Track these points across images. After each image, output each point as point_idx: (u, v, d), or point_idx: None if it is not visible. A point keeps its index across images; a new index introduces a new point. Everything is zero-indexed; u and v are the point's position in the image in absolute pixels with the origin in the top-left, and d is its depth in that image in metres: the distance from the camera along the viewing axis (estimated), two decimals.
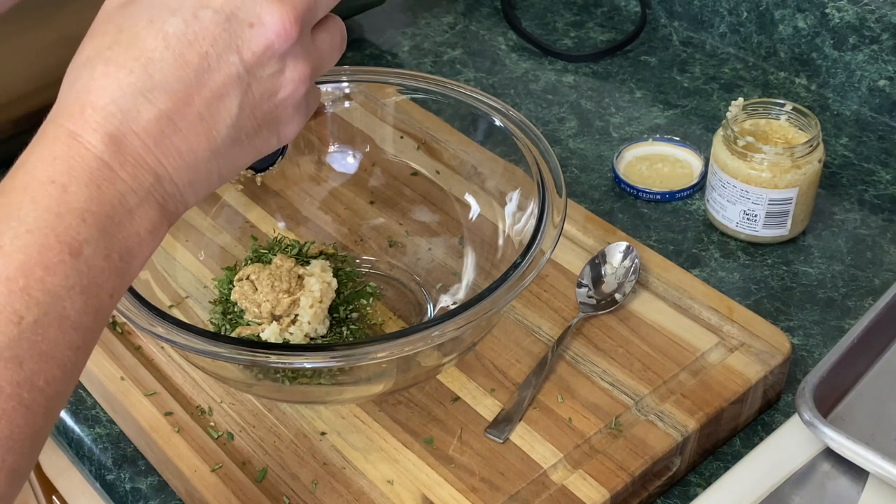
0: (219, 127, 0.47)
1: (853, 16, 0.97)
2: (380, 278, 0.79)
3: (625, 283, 0.77)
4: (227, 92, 0.47)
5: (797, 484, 0.65)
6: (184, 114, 0.46)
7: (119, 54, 0.45)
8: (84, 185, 0.44)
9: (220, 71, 0.46)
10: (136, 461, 0.71)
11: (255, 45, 0.47)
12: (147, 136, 0.45)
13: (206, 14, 0.46)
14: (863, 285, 0.83)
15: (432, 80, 0.76)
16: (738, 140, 0.83)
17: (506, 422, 0.68)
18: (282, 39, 0.47)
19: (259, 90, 0.48)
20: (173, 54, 0.45)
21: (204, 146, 0.47)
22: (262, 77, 0.48)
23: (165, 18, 0.46)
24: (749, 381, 0.70)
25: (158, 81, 0.45)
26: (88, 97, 0.45)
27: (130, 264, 0.46)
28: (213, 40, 0.46)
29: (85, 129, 0.44)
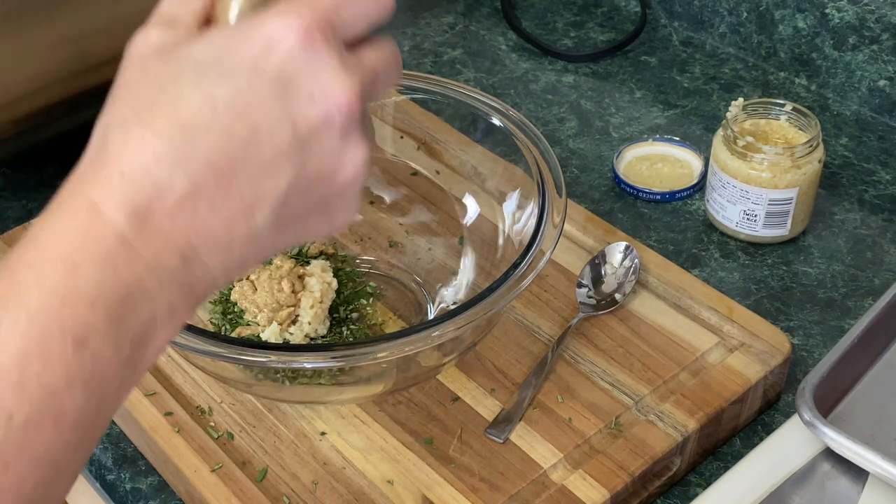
0: (262, 207, 0.41)
1: (853, 16, 0.97)
2: (380, 278, 0.79)
3: (625, 283, 0.77)
4: (276, 169, 0.41)
5: (797, 484, 0.65)
6: (224, 191, 0.40)
7: (158, 117, 0.40)
8: (98, 265, 0.38)
9: (271, 145, 0.41)
10: (136, 461, 0.71)
11: (313, 116, 0.41)
12: (179, 212, 0.39)
13: (260, 83, 0.40)
14: (863, 285, 0.83)
15: (432, 80, 0.76)
16: (738, 140, 0.83)
17: (506, 422, 0.68)
18: (342, 112, 0.42)
19: (314, 170, 0.42)
20: (220, 126, 0.40)
21: (243, 228, 0.41)
22: (318, 153, 0.42)
23: (215, 82, 0.40)
24: (749, 381, 0.70)
25: (200, 153, 0.40)
26: (118, 163, 0.39)
27: (143, 354, 0.40)
28: (267, 112, 0.40)
29: (109, 200, 0.39)
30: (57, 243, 0.39)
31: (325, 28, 0.41)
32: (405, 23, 1.17)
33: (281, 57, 0.41)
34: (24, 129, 0.91)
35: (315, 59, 0.41)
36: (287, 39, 0.41)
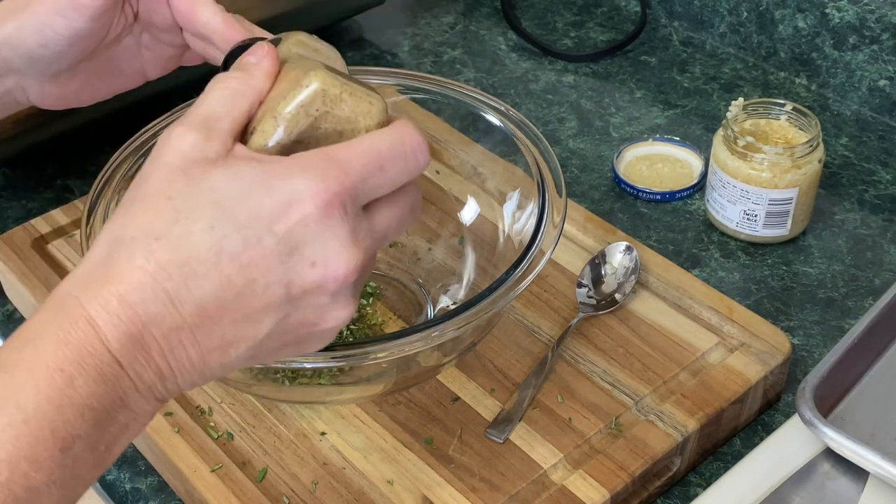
0: (239, 346, 0.45)
1: (853, 16, 0.97)
2: (380, 278, 0.79)
3: (625, 283, 0.77)
4: (259, 317, 0.44)
5: (797, 484, 0.65)
6: (208, 331, 0.43)
7: (165, 253, 0.42)
8: (91, 379, 0.41)
9: (262, 298, 0.44)
10: (135, 461, 0.71)
11: (308, 280, 0.44)
12: (165, 342, 0.43)
13: (269, 241, 0.43)
14: (863, 285, 0.83)
15: (432, 80, 0.76)
16: (738, 140, 0.83)
17: (506, 422, 0.68)
18: (338, 283, 0.45)
19: (297, 320, 0.45)
20: (219, 273, 0.43)
21: (217, 360, 0.44)
22: (304, 309, 0.45)
23: (227, 232, 0.43)
24: (749, 381, 0.70)
25: (194, 296, 0.42)
26: (118, 286, 0.42)
27: (112, 454, 0.44)
28: (267, 270, 0.43)
29: (106, 321, 0.42)
30: (55, 352, 0.41)
31: (345, 201, 0.44)
32: (405, 23, 1.17)
33: (295, 221, 0.43)
34: (24, 129, 0.91)
35: (327, 230, 0.44)
36: (306, 205, 0.43)
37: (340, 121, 0.47)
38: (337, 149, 0.45)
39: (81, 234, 0.65)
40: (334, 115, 0.47)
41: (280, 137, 0.47)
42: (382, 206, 0.47)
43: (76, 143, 0.98)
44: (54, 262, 0.81)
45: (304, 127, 0.47)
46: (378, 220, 0.47)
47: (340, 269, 0.44)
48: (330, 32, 1.15)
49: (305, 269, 0.44)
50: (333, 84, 0.47)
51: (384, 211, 0.47)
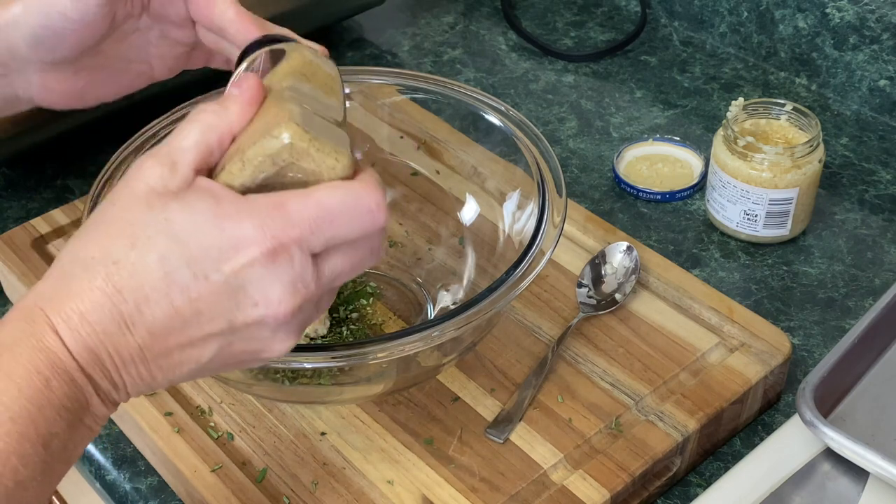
0: (184, 367, 0.49)
1: (853, 16, 0.97)
2: (380, 278, 0.79)
3: (625, 283, 0.77)
4: (204, 345, 0.48)
5: (797, 484, 0.65)
6: (156, 351, 0.47)
7: (122, 279, 0.46)
8: (65, 382, 0.46)
9: (206, 328, 0.48)
10: (136, 461, 0.71)
11: (250, 316, 0.48)
12: (118, 358, 0.47)
13: (217, 278, 0.47)
14: (863, 285, 0.83)
15: (432, 80, 0.76)
16: (738, 140, 0.83)
17: (506, 422, 0.68)
18: (278, 320, 0.48)
19: (240, 348, 0.49)
20: (169, 302, 0.47)
21: (164, 377, 0.49)
22: (247, 340, 0.49)
23: (178, 265, 0.47)
24: (749, 381, 0.70)
25: (146, 320, 0.47)
26: (80, 303, 0.46)
27: (77, 453, 0.48)
28: (212, 304, 0.47)
29: (68, 334, 0.46)
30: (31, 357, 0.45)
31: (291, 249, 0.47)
32: (405, 23, 1.17)
33: (242, 263, 0.47)
34: (24, 129, 0.91)
35: (271, 274, 0.47)
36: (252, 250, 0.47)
37: (305, 172, 0.49)
38: (290, 198, 0.48)
39: None
40: (299, 166, 0.49)
41: (245, 180, 0.49)
42: (333, 255, 0.49)
43: (76, 143, 0.98)
44: None
45: (270, 174, 0.49)
46: (328, 266, 0.49)
47: (280, 311, 0.48)
48: (330, 32, 1.15)
49: (248, 307, 0.48)
50: (302, 138, 0.48)
51: (335, 259, 0.50)
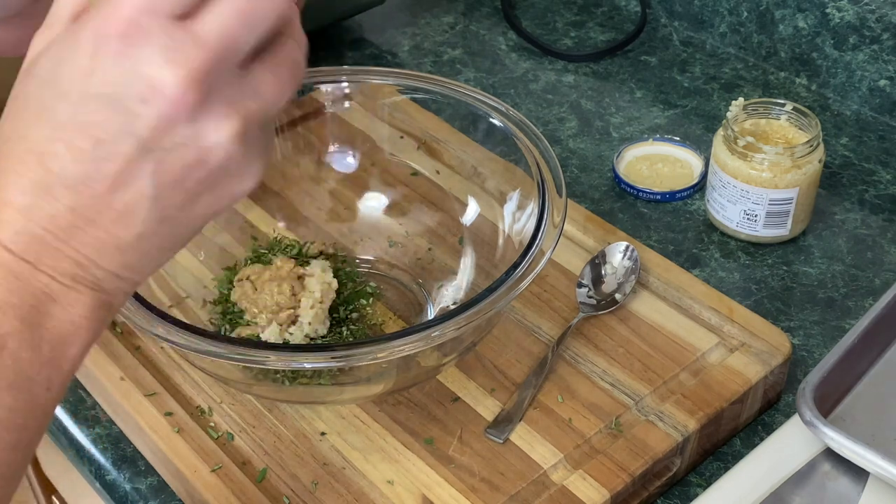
0: (137, 211, 0.42)
1: (853, 16, 0.97)
2: (380, 278, 0.79)
3: (625, 283, 0.77)
4: (131, 174, 0.42)
5: (797, 484, 0.65)
6: (91, 205, 0.42)
7: (17, 147, 0.42)
8: (2, 278, 0.41)
9: (118, 155, 0.41)
10: (136, 461, 0.71)
11: (149, 117, 0.41)
12: (58, 230, 0.42)
13: (90, 98, 0.41)
14: (863, 285, 0.83)
15: (432, 80, 0.76)
16: (738, 140, 0.83)
17: (506, 422, 0.68)
18: (178, 103, 0.40)
19: (175, 162, 0.42)
20: (65, 144, 0.41)
21: (124, 231, 0.43)
22: (172, 149, 0.41)
23: (52, 104, 0.41)
24: (749, 381, 0.70)
25: (54, 174, 0.41)
26: (2, 193, 0.42)
27: (65, 353, 0.43)
28: (103, 125, 0.41)
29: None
30: None
31: (139, 20, 0.40)
32: (405, 23, 1.17)
33: (101, 70, 0.40)
34: None
35: (133, 59, 0.40)
36: (101, 49, 0.40)
37: None
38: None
39: None
40: None
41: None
42: (205, 9, 0.41)
43: None
44: None
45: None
46: (203, 23, 0.41)
47: (171, 90, 0.40)
48: (330, 32, 1.15)
49: (137, 106, 0.40)
50: None
51: (209, 13, 0.41)
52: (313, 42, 0.67)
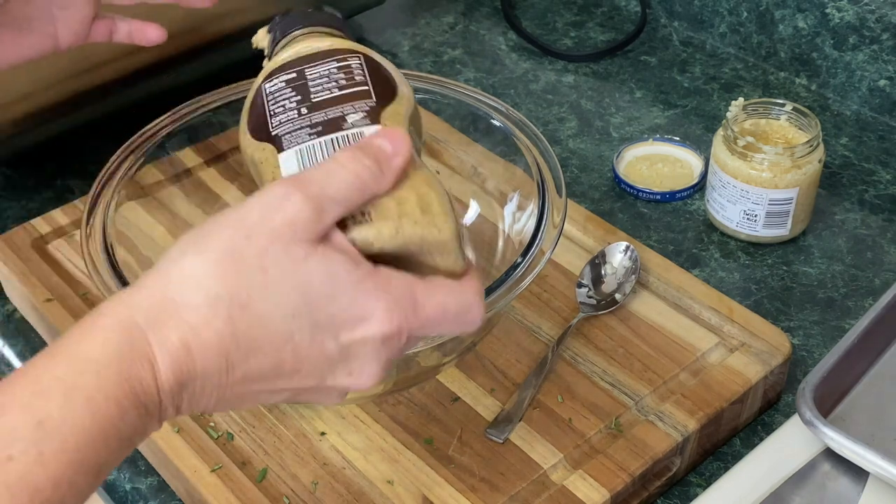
0: (245, 404, 0.47)
1: (853, 16, 0.97)
2: None
3: (625, 283, 0.77)
4: (282, 393, 0.47)
5: (797, 484, 0.65)
6: (236, 391, 0.45)
7: (244, 326, 0.44)
8: (138, 414, 0.43)
9: (296, 383, 0.46)
10: (136, 461, 0.71)
11: (338, 383, 0.47)
12: (201, 392, 0.45)
13: (332, 346, 0.46)
14: (863, 285, 0.83)
15: (432, 80, 0.76)
16: (738, 140, 0.83)
17: (506, 422, 0.68)
18: (355, 390, 0.48)
19: (305, 398, 0.49)
20: (277, 357, 0.45)
21: (218, 407, 0.47)
22: (318, 395, 0.48)
23: (303, 325, 0.45)
24: (749, 381, 0.70)
25: (248, 367, 0.45)
26: (191, 339, 0.44)
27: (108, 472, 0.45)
28: (314, 366, 0.46)
29: (167, 365, 0.43)
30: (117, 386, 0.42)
31: (404, 337, 0.47)
32: (405, 23, 1.17)
33: (360, 338, 0.46)
34: (24, 129, 0.91)
35: (378, 354, 0.47)
36: (375, 328, 0.46)
37: (435, 261, 0.49)
38: (418, 288, 0.47)
39: (81, 234, 0.65)
40: (437, 257, 0.49)
41: (387, 246, 0.48)
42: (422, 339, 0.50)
43: (76, 143, 0.98)
44: (54, 262, 0.81)
45: (412, 252, 0.49)
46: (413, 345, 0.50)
47: (365, 384, 0.47)
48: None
49: (343, 375, 0.47)
50: (455, 238, 0.49)
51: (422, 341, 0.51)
52: None
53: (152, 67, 0.94)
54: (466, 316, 0.49)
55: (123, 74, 0.93)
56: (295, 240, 0.44)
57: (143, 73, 0.94)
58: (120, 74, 0.93)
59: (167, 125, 0.72)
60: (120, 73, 0.93)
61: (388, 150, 0.48)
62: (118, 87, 0.93)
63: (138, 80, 0.94)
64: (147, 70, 0.94)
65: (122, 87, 0.94)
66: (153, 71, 0.95)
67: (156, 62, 0.94)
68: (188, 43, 0.96)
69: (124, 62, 0.92)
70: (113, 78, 0.93)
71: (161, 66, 0.95)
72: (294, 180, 0.46)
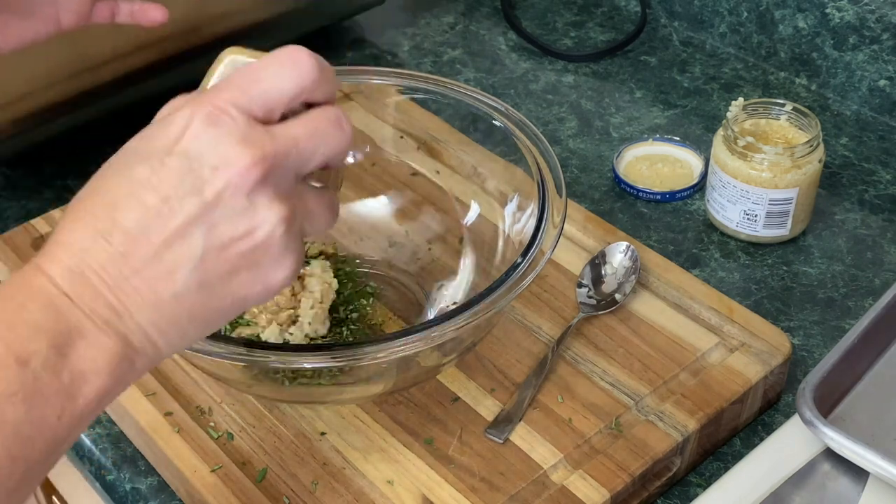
0: (180, 268, 0.46)
1: (853, 16, 0.97)
2: (380, 278, 0.79)
3: (625, 283, 0.77)
4: (187, 232, 0.46)
5: (797, 484, 0.65)
6: (141, 255, 0.46)
7: (94, 202, 0.47)
8: (42, 305, 0.45)
9: (181, 212, 0.46)
10: (136, 461, 0.71)
11: (216, 183, 0.46)
12: (105, 273, 0.46)
13: (171, 160, 0.46)
14: (863, 285, 0.83)
15: (432, 80, 0.76)
16: (738, 140, 0.83)
17: (506, 422, 0.68)
18: (243, 176, 0.46)
19: (227, 230, 0.47)
20: (136, 199, 0.46)
21: (164, 287, 0.46)
22: (227, 215, 0.47)
23: (133, 165, 0.47)
24: (749, 381, 0.70)
25: (118, 223, 0.46)
26: (58, 237, 0.46)
27: (81, 388, 0.45)
28: (176, 184, 0.46)
29: (49, 263, 0.46)
30: (8, 290, 0.46)
31: (228, 109, 0.47)
32: (405, 23, 1.17)
33: (188, 137, 0.47)
34: (24, 129, 0.91)
35: (216, 135, 0.47)
36: (193, 123, 0.47)
37: None
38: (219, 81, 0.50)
39: None
40: None
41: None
42: (290, 122, 0.49)
43: (76, 143, 0.98)
44: None
45: None
46: (280, 129, 0.48)
47: (240, 164, 0.46)
48: (330, 32, 1.15)
49: (208, 173, 0.46)
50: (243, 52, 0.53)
51: (288, 124, 0.49)
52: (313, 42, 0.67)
53: (152, 67, 0.94)
54: (281, 58, 0.49)
55: (123, 74, 0.93)
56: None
57: (143, 73, 0.94)
58: (120, 74, 0.93)
59: None
60: (120, 73, 0.93)
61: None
62: (118, 87, 0.93)
63: (138, 80, 0.94)
64: (147, 70, 0.94)
65: (122, 87, 0.94)
66: (153, 71, 0.95)
67: (156, 62, 0.94)
68: (188, 43, 0.96)
69: (124, 62, 0.92)
70: (113, 78, 0.93)
71: (161, 66, 0.95)
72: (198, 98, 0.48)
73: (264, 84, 0.48)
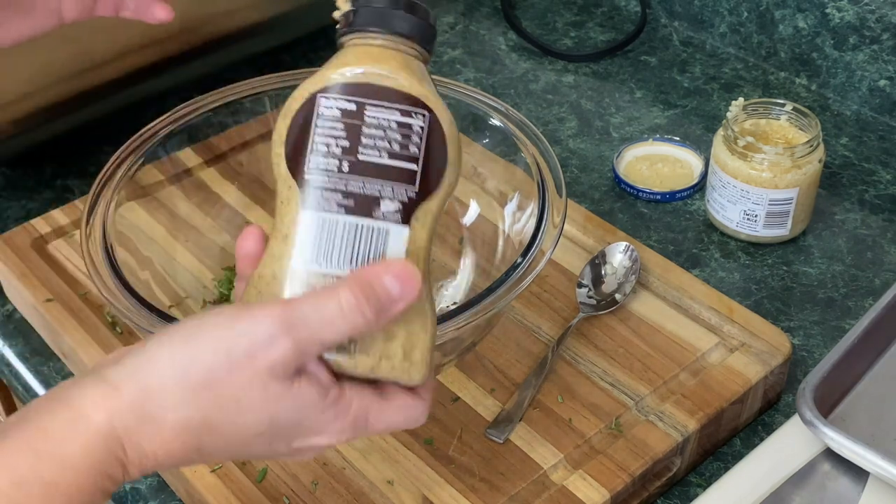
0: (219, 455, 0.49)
1: (853, 16, 0.97)
2: None
3: (625, 283, 0.77)
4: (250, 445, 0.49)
5: (797, 484, 0.65)
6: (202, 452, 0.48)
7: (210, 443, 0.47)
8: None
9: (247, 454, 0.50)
10: None
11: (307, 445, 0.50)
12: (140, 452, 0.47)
13: (282, 448, 0.49)
14: (863, 285, 0.83)
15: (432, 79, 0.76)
16: (738, 140, 0.83)
17: (506, 422, 0.68)
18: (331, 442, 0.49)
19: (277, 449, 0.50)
20: (231, 453, 0.48)
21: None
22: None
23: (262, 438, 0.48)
24: (749, 381, 0.70)
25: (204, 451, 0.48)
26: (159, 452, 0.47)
27: None
28: (262, 454, 0.49)
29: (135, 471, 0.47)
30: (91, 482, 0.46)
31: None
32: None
33: (308, 445, 0.49)
34: (24, 129, 0.91)
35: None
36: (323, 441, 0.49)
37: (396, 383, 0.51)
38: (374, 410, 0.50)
39: (81, 234, 0.65)
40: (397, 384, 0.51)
41: (359, 375, 0.49)
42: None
43: (76, 143, 0.98)
44: (54, 262, 0.81)
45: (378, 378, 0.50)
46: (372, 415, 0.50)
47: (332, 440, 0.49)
48: (330, 32, 1.14)
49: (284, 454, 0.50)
50: (424, 377, 0.50)
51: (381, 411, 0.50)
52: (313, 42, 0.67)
53: (152, 67, 0.94)
54: (410, 426, 0.51)
55: (123, 74, 0.93)
56: (273, 378, 0.46)
57: (143, 73, 0.94)
58: (120, 74, 0.93)
59: (167, 125, 0.72)
60: (120, 73, 0.93)
61: (393, 295, 0.47)
62: (118, 87, 0.93)
63: (138, 80, 0.94)
64: (147, 70, 0.94)
65: (122, 87, 0.94)
66: (153, 71, 0.95)
67: (156, 62, 0.94)
68: (188, 43, 0.96)
69: (124, 62, 0.92)
70: (113, 78, 0.93)
71: (161, 66, 0.95)
72: (286, 320, 0.46)
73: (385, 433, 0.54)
